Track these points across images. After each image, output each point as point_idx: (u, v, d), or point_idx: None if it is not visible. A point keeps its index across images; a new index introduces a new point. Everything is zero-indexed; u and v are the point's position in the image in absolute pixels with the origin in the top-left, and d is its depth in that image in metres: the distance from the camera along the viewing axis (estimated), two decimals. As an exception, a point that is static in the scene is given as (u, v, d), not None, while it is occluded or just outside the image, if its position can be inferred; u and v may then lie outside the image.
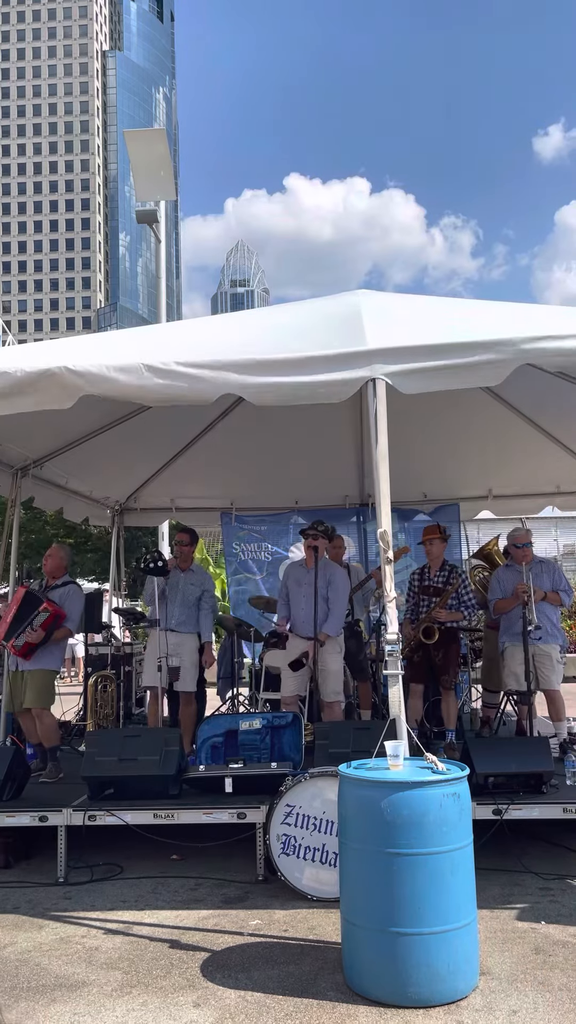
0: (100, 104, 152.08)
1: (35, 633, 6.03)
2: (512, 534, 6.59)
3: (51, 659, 6.22)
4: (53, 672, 6.28)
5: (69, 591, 6.36)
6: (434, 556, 6.63)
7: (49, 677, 6.21)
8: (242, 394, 4.41)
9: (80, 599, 6.47)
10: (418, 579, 6.67)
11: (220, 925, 4.15)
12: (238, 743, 5.57)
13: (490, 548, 7.82)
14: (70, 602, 6.29)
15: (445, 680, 6.45)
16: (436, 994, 3.28)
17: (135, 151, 11.14)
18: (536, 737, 5.87)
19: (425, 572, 6.66)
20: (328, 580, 6.36)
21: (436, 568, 6.62)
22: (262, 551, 9.78)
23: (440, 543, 6.64)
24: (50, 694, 6.19)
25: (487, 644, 7.60)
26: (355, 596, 7.57)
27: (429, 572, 6.64)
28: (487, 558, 7.78)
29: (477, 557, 7.97)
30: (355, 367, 4.31)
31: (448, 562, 6.71)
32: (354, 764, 3.75)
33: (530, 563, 6.37)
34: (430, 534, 6.66)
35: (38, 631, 6.03)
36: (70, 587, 6.41)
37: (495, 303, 5.66)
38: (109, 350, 4.66)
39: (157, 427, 7.57)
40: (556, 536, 23.10)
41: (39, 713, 6.11)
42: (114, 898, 4.56)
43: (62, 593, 6.30)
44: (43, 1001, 3.41)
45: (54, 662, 6.27)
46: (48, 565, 6.45)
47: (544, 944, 3.83)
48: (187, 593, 6.73)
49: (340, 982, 3.50)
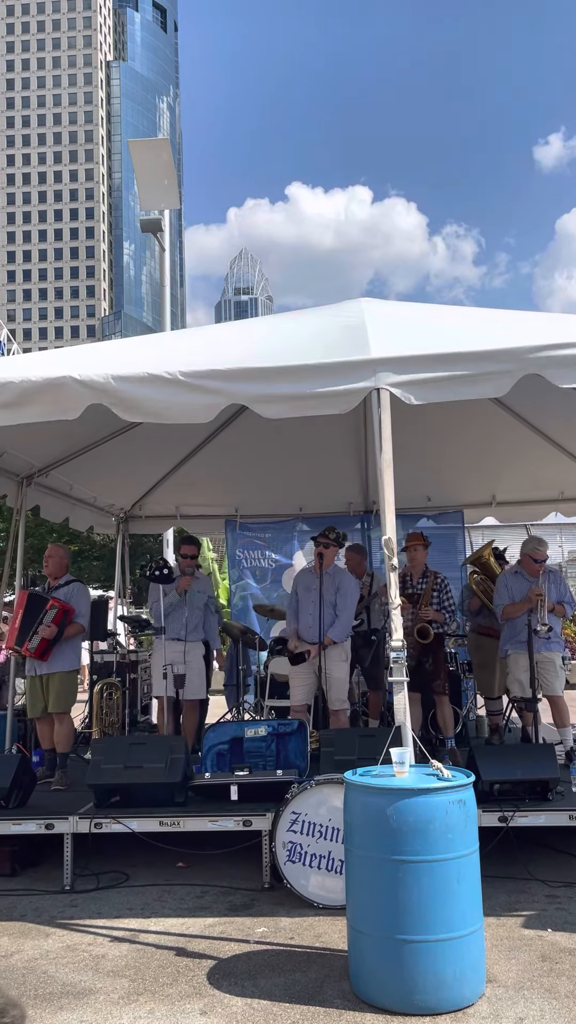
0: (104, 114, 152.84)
1: (48, 629, 6.04)
2: (535, 548, 6.48)
3: (70, 660, 6.22)
4: (74, 673, 6.29)
5: (74, 589, 6.38)
6: (416, 563, 6.66)
7: (70, 679, 6.23)
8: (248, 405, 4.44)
9: (87, 595, 6.51)
10: (401, 588, 6.66)
11: (226, 933, 4.15)
12: (244, 750, 5.57)
13: (487, 557, 7.79)
14: (76, 599, 6.30)
15: (436, 686, 6.46)
16: (443, 1002, 3.28)
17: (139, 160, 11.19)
18: (541, 744, 5.86)
19: (407, 580, 6.66)
20: (337, 587, 6.36)
21: (418, 575, 6.64)
22: (264, 559, 9.79)
23: (423, 550, 6.69)
24: (72, 696, 6.20)
25: (479, 652, 7.57)
26: (372, 605, 7.56)
27: (411, 579, 6.65)
28: (484, 567, 7.75)
29: (472, 564, 7.92)
30: (359, 377, 4.31)
31: (429, 568, 6.72)
32: (360, 771, 3.75)
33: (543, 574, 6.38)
34: (413, 540, 6.70)
35: (50, 627, 6.05)
36: (74, 585, 6.43)
37: (499, 311, 5.67)
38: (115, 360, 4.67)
39: (162, 434, 7.59)
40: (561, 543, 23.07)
41: (60, 717, 6.11)
42: (120, 906, 4.56)
43: (67, 592, 6.32)
44: (50, 1009, 3.42)
45: (73, 662, 6.27)
46: (49, 566, 6.45)
47: (551, 952, 3.82)
48: (195, 600, 6.75)
49: (346, 990, 3.49)
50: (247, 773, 5.14)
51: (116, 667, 8.36)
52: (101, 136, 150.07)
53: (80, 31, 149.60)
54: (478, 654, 7.67)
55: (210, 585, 7.05)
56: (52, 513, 8.09)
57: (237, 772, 5.16)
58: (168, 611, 6.64)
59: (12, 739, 6.64)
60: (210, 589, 6.99)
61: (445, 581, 6.62)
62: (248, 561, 9.81)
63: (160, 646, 6.67)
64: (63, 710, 6.11)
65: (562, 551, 23.34)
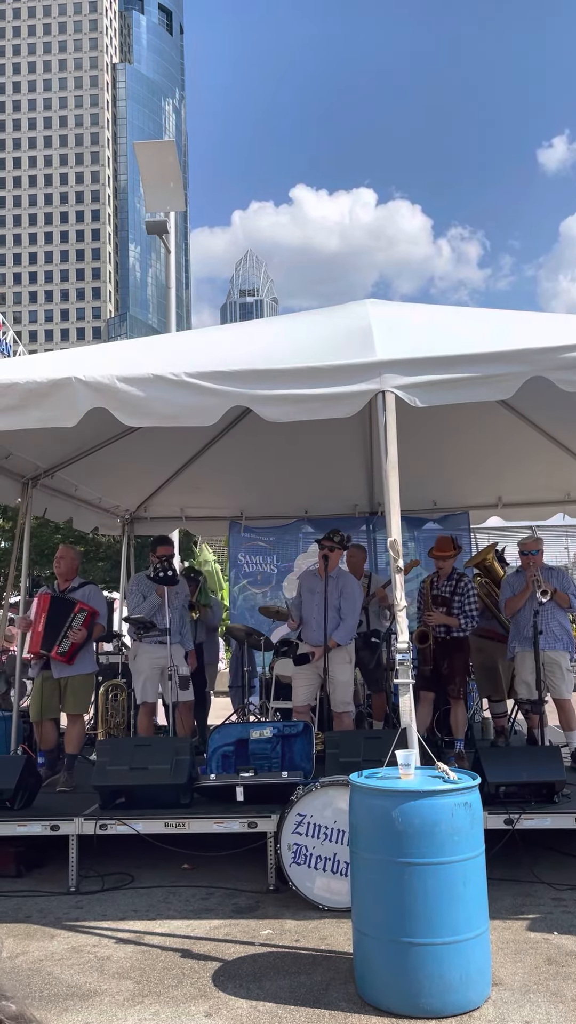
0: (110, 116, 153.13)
1: (79, 633, 6.10)
2: (523, 541, 6.59)
3: (89, 662, 6.30)
4: (92, 675, 6.39)
5: (89, 591, 6.42)
6: (445, 571, 6.66)
7: (90, 681, 6.34)
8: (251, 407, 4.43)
9: (102, 596, 6.56)
10: (428, 588, 6.70)
11: (231, 935, 4.15)
12: (249, 752, 5.56)
13: (490, 560, 7.76)
14: (95, 601, 6.36)
15: (452, 689, 6.45)
16: (448, 1005, 3.27)
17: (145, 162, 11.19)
18: (548, 746, 5.84)
19: (434, 581, 6.68)
20: (340, 590, 6.36)
21: (444, 577, 6.63)
22: (268, 564, 9.78)
23: (452, 560, 6.66)
24: (88, 699, 6.31)
25: (480, 654, 7.56)
26: (372, 607, 7.55)
27: (438, 581, 6.65)
28: (486, 570, 7.73)
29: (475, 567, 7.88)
30: (364, 380, 4.31)
31: (457, 570, 6.72)
32: (365, 773, 3.74)
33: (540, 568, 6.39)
34: (443, 551, 6.63)
35: (80, 631, 6.10)
36: (89, 587, 6.47)
37: (504, 312, 5.66)
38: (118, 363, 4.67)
39: (168, 436, 7.59)
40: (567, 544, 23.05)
41: (75, 719, 6.15)
42: (125, 907, 4.56)
43: (83, 594, 6.36)
44: (55, 1010, 3.42)
45: (92, 665, 6.36)
46: (61, 567, 6.46)
47: (557, 955, 3.80)
48: (173, 602, 6.71)
49: (352, 992, 3.49)
50: (252, 775, 5.14)
51: (121, 668, 8.36)
52: (107, 138, 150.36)
53: (86, 34, 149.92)
54: (479, 656, 7.65)
55: (185, 586, 7.04)
56: (57, 514, 8.11)
57: (242, 774, 5.16)
58: (150, 613, 6.61)
59: (18, 740, 6.65)
60: (186, 590, 6.99)
61: (470, 584, 6.61)
62: (250, 566, 9.80)
63: (151, 650, 6.57)
64: (80, 711, 6.17)
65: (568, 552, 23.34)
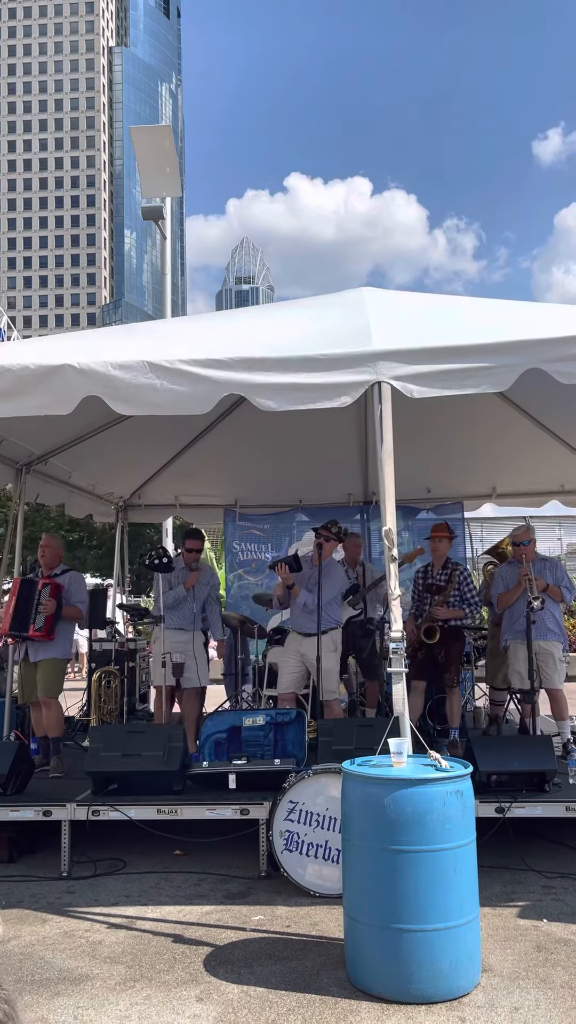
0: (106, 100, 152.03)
1: (48, 604, 6.14)
2: (516, 532, 6.62)
3: (62, 648, 6.35)
4: (63, 661, 6.42)
5: (70, 577, 6.49)
6: (439, 554, 6.68)
7: (60, 666, 6.33)
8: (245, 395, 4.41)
9: (83, 581, 6.63)
10: (422, 577, 6.72)
11: (223, 920, 4.17)
12: (242, 739, 5.57)
13: (505, 546, 7.85)
14: (74, 584, 6.43)
15: (448, 678, 6.48)
16: (439, 991, 3.29)
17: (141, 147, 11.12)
18: (539, 736, 5.86)
19: (428, 570, 6.70)
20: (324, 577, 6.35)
21: (439, 566, 6.65)
22: (262, 552, 9.78)
23: (447, 542, 6.69)
24: (59, 683, 6.30)
25: (492, 641, 7.61)
26: (369, 596, 7.57)
27: (432, 570, 6.67)
28: (500, 556, 7.81)
29: (490, 553, 8.03)
30: (359, 370, 4.28)
31: (451, 560, 6.74)
32: (358, 761, 3.75)
33: (532, 560, 6.40)
34: (439, 532, 6.70)
35: (49, 602, 6.15)
36: (70, 573, 6.55)
37: (501, 301, 5.64)
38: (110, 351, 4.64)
39: (162, 423, 7.55)
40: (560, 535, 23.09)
41: (47, 702, 6.18)
42: (117, 893, 4.57)
43: (64, 579, 6.43)
44: (47, 994, 3.43)
45: (65, 651, 6.41)
46: (46, 556, 6.54)
47: (546, 942, 3.83)
48: (199, 592, 6.80)
49: (342, 978, 3.51)
50: (245, 762, 5.15)
51: (115, 655, 8.37)
52: (103, 123, 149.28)
53: (82, 16, 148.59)
54: (492, 642, 7.72)
55: (214, 575, 7.09)
56: (50, 500, 8.10)
57: (235, 761, 5.16)
58: (174, 604, 6.69)
59: (11, 726, 6.66)
60: (215, 580, 7.04)
61: (466, 572, 6.64)
62: (244, 554, 9.81)
63: (160, 635, 6.70)
64: (51, 695, 6.19)
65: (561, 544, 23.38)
